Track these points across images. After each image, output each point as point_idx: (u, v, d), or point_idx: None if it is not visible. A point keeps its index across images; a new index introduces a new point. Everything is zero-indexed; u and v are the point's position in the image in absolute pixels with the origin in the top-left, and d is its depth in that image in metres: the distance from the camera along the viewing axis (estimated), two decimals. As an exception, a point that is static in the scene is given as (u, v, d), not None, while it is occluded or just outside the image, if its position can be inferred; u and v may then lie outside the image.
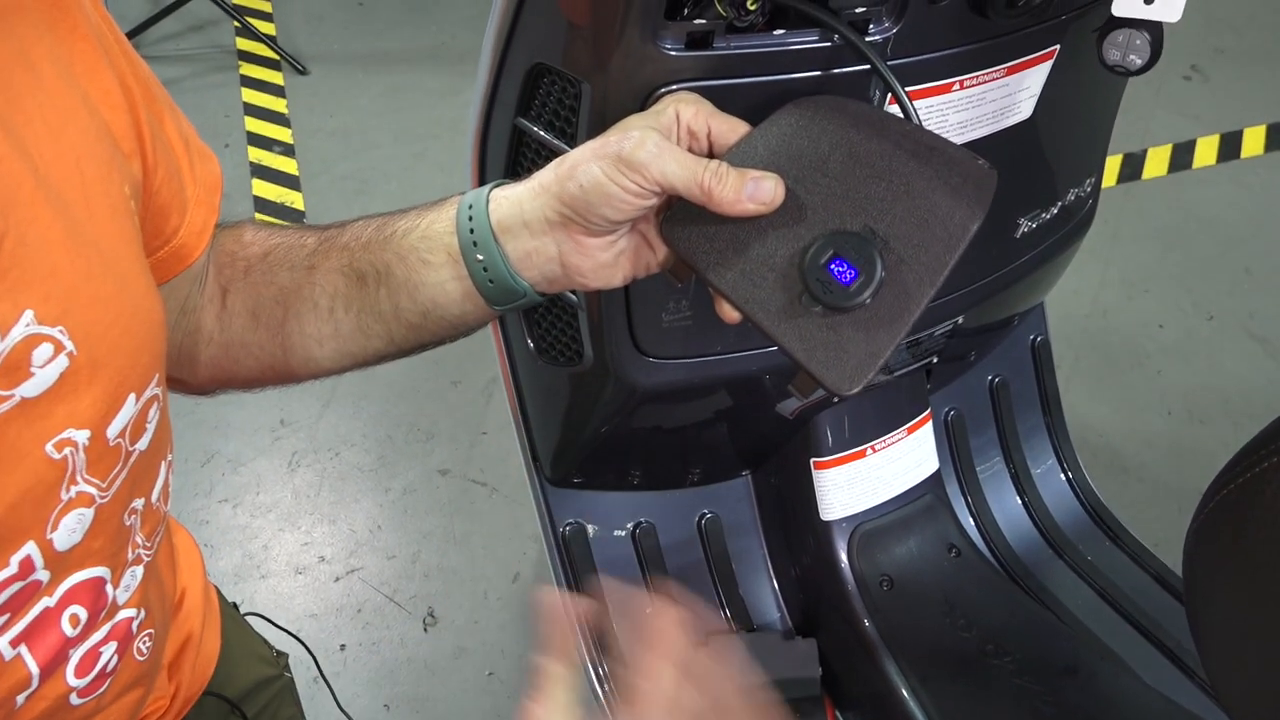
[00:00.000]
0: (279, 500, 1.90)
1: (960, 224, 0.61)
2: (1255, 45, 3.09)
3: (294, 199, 2.49)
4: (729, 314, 0.64)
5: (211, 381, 0.71)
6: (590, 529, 1.32)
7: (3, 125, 0.45)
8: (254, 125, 2.67)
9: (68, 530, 0.50)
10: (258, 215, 2.43)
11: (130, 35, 2.78)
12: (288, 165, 2.57)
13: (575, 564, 1.30)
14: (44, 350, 0.46)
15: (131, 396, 0.52)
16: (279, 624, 1.00)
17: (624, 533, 1.34)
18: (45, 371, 0.46)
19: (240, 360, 0.69)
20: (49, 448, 0.47)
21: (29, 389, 0.46)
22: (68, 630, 0.53)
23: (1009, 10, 0.81)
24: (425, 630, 1.72)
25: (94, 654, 0.56)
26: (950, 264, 0.60)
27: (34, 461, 0.47)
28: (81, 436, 0.49)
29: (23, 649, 0.51)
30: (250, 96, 2.76)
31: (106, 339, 0.49)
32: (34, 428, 0.47)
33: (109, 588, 0.55)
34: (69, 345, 0.47)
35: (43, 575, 0.50)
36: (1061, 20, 0.88)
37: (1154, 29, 0.77)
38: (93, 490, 0.51)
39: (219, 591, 0.82)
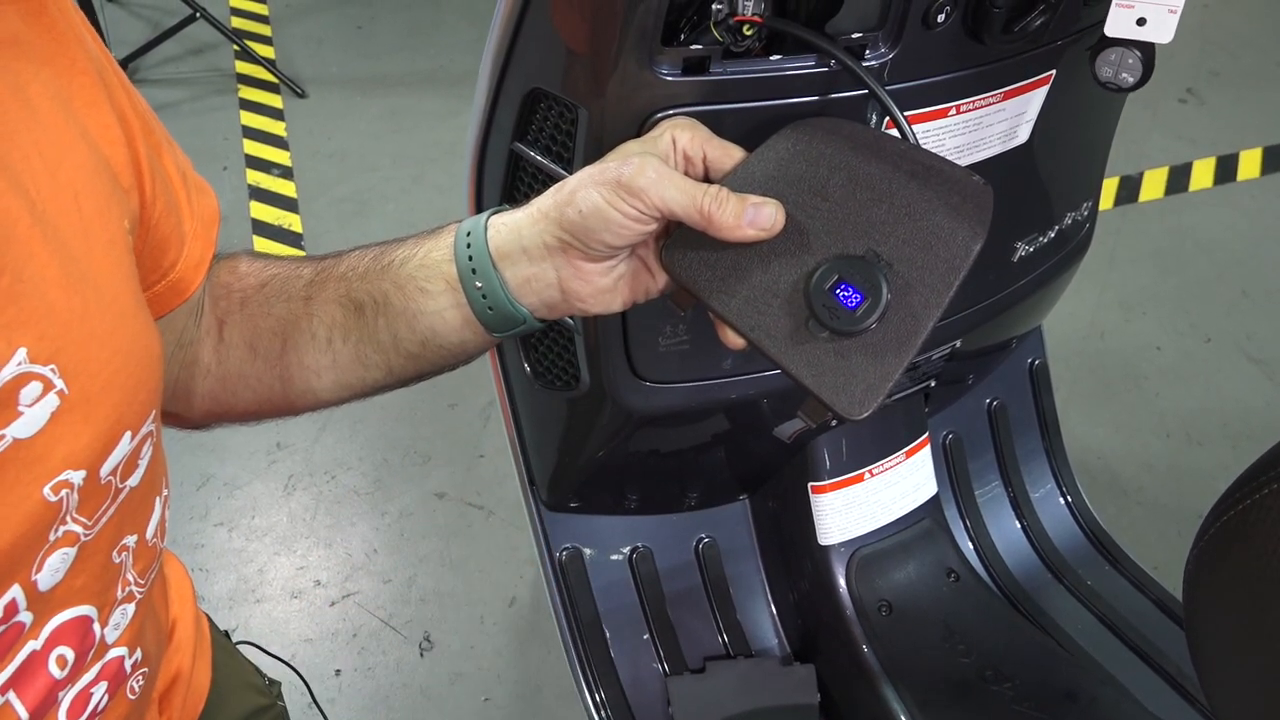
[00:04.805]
0: (274, 524, 1.89)
1: (963, 244, 0.61)
2: (1250, 69, 3.10)
3: (292, 221, 2.49)
4: (733, 341, 0.63)
5: (208, 415, 0.71)
6: (587, 553, 1.31)
7: None
8: (252, 148, 2.68)
9: (51, 570, 0.49)
10: (256, 237, 2.44)
11: (130, 59, 2.79)
12: (286, 188, 2.58)
13: (572, 589, 1.29)
14: (32, 389, 0.45)
15: (127, 434, 0.51)
16: (272, 652, 0.99)
17: (621, 557, 1.33)
18: (34, 411, 0.45)
19: (238, 393, 0.69)
20: (46, 490, 0.47)
21: (20, 429, 0.45)
22: (55, 672, 0.52)
23: (1005, 36, 0.81)
24: (421, 655, 1.71)
25: (85, 695, 0.55)
26: (955, 285, 0.60)
27: (32, 505, 0.46)
28: (77, 477, 0.48)
29: (11, 695, 0.49)
30: (249, 119, 2.77)
31: (101, 376, 0.49)
32: (32, 470, 0.46)
33: (96, 626, 0.54)
34: (59, 384, 0.46)
35: (26, 617, 0.49)
36: (1057, 46, 0.88)
37: (1146, 48, 0.77)
38: (78, 529, 0.50)
39: (210, 621, 0.81)
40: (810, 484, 1.22)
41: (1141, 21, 0.75)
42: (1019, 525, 1.44)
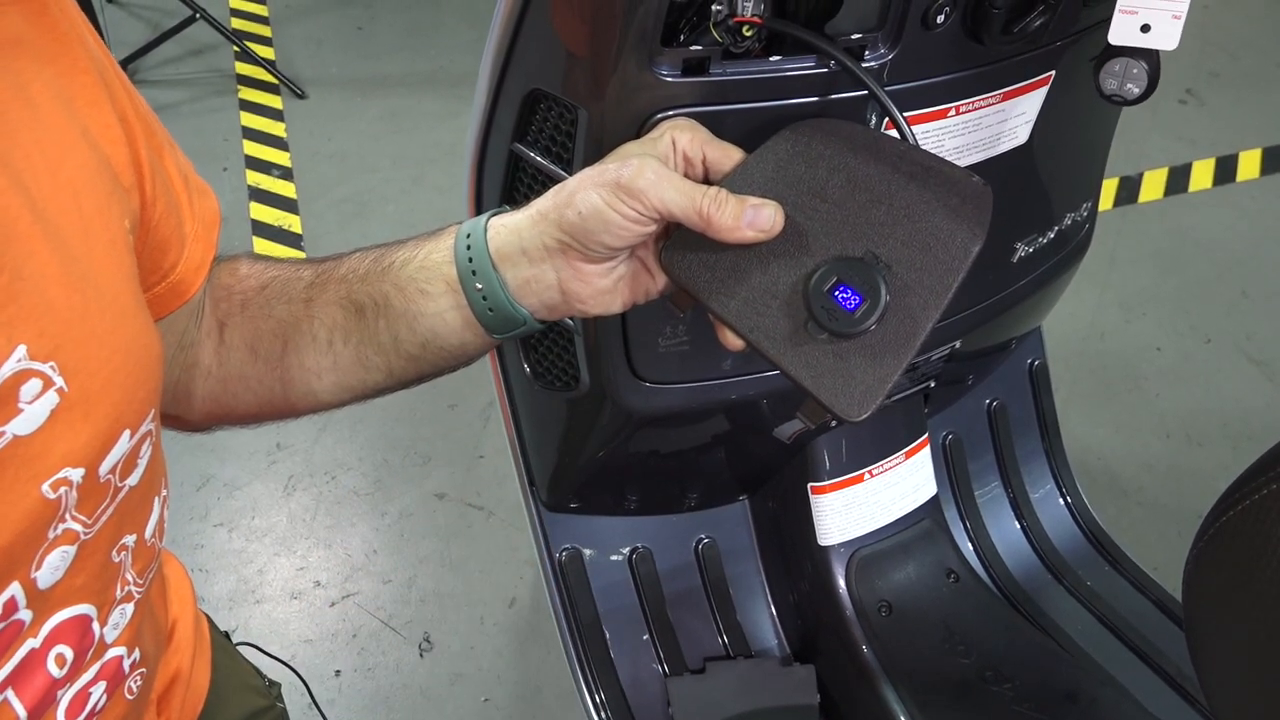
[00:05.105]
0: (274, 524, 1.89)
1: (962, 246, 0.61)
2: (1250, 69, 3.10)
3: (292, 222, 2.49)
4: (732, 342, 0.63)
5: (208, 417, 0.71)
6: (587, 554, 1.31)
7: (0, 159, 0.45)
8: (252, 149, 2.68)
9: (50, 568, 0.49)
10: (255, 239, 2.44)
11: (130, 60, 2.79)
12: (286, 189, 2.58)
13: (572, 589, 1.29)
14: (32, 386, 0.45)
15: (126, 433, 0.51)
16: (271, 653, 0.99)
17: (621, 558, 1.33)
18: (34, 408, 0.45)
19: (238, 395, 0.69)
20: (45, 487, 0.47)
21: (20, 426, 0.45)
22: (54, 671, 0.52)
23: (1004, 36, 0.81)
24: (421, 656, 1.71)
25: (84, 695, 0.55)
26: (954, 286, 0.60)
27: (31, 502, 0.46)
28: (76, 475, 0.48)
29: (9, 693, 0.49)
30: (249, 120, 2.77)
31: (101, 375, 0.49)
32: (31, 467, 0.46)
33: (95, 626, 0.55)
34: (59, 381, 0.46)
35: (25, 615, 0.49)
36: (1057, 46, 0.88)
37: (1151, 57, 0.77)
38: (78, 527, 0.50)
39: (210, 621, 0.81)
40: (810, 484, 1.22)
41: (1145, 28, 0.75)
42: (1019, 526, 1.44)
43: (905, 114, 0.81)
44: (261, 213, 2.51)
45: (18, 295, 0.45)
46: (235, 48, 2.90)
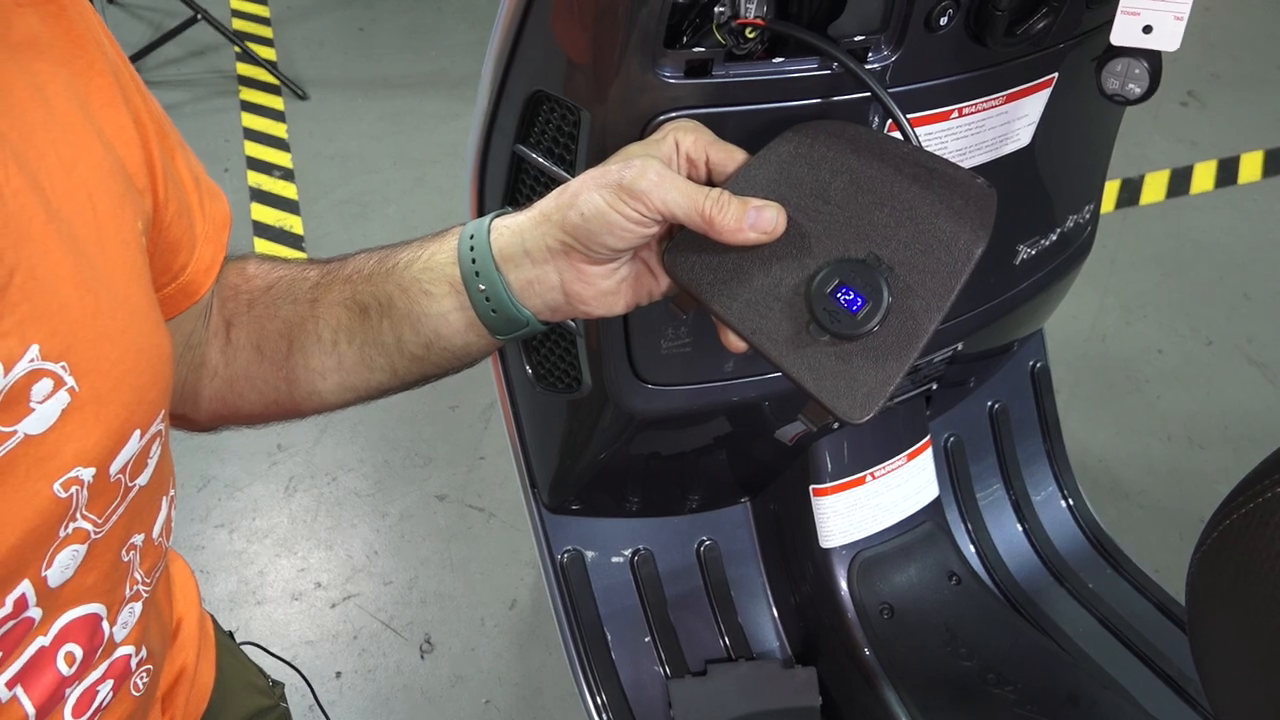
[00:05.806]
0: (275, 525, 1.89)
1: (965, 248, 0.61)
2: (1251, 71, 3.10)
3: (293, 223, 2.49)
4: (735, 344, 0.63)
5: (215, 417, 0.71)
6: (588, 556, 1.31)
7: (16, 159, 0.46)
8: (254, 150, 2.68)
9: (61, 567, 0.49)
10: (257, 239, 2.44)
11: (132, 60, 2.79)
12: (287, 190, 2.58)
13: (573, 591, 1.29)
14: (43, 385, 0.45)
15: (136, 433, 0.51)
16: (275, 652, 0.99)
17: (622, 560, 1.33)
18: (45, 407, 0.46)
19: (244, 395, 0.69)
20: (56, 486, 0.47)
21: (32, 425, 0.45)
22: (63, 669, 0.52)
23: (1007, 39, 0.81)
24: (422, 657, 1.71)
25: (91, 692, 0.56)
26: (956, 289, 0.60)
27: (42, 501, 0.47)
28: (87, 474, 0.48)
29: (18, 690, 0.50)
30: (250, 121, 2.77)
31: (112, 375, 0.49)
32: (43, 466, 0.46)
33: (105, 625, 0.55)
34: (69, 381, 0.47)
35: (35, 613, 0.49)
36: (1059, 49, 0.88)
37: (1153, 58, 0.77)
38: (88, 526, 0.50)
39: (214, 620, 0.81)
40: (812, 487, 1.22)
41: (1148, 29, 0.75)
42: (1020, 528, 1.44)
43: (908, 116, 0.81)
44: (263, 214, 2.51)
45: (31, 295, 0.45)
46: (236, 49, 2.90)
